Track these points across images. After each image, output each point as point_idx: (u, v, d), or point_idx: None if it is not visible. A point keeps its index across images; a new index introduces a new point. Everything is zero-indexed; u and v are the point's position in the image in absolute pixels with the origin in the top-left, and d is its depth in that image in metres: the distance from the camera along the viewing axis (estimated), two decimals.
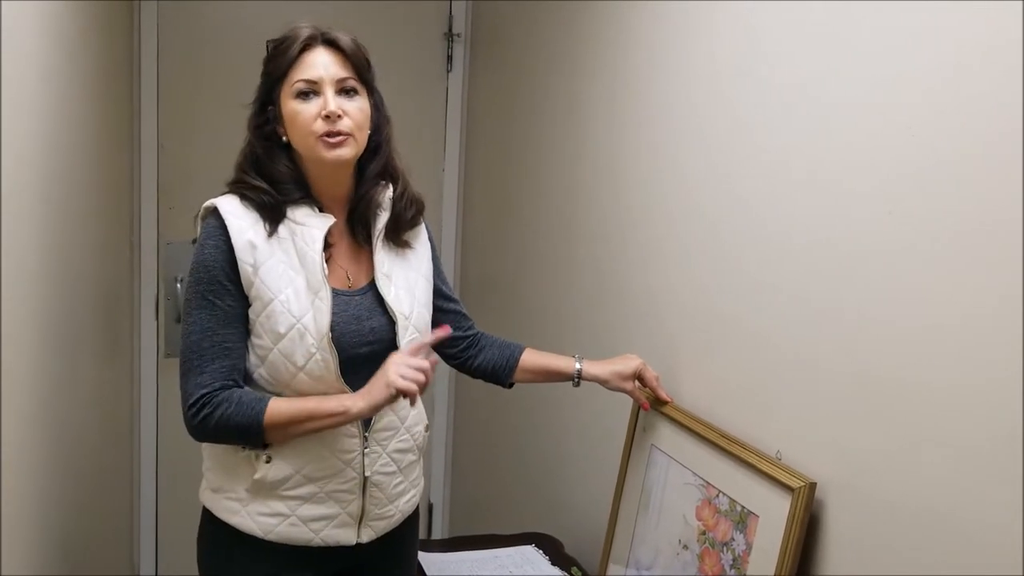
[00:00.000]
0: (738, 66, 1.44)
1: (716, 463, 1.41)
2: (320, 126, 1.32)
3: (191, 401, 1.30)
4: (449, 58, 2.79)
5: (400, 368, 1.28)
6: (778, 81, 1.33)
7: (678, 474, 1.51)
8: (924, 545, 1.05)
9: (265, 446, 1.34)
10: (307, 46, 1.34)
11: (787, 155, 1.32)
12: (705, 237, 1.55)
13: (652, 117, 1.73)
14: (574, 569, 1.84)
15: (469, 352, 1.62)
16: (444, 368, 1.77)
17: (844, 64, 1.19)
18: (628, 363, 1.58)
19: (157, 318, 2.58)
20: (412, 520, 1.56)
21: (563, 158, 2.14)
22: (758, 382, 1.39)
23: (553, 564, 1.87)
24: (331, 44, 1.35)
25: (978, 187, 0.98)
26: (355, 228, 1.44)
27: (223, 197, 1.36)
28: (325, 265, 1.33)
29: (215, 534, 1.41)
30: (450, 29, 2.77)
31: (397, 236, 1.46)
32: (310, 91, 1.33)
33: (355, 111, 1.34)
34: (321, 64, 1.33)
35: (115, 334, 2.35)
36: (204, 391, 1.29)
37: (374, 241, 1.43)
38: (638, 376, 1.59)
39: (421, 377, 1.27)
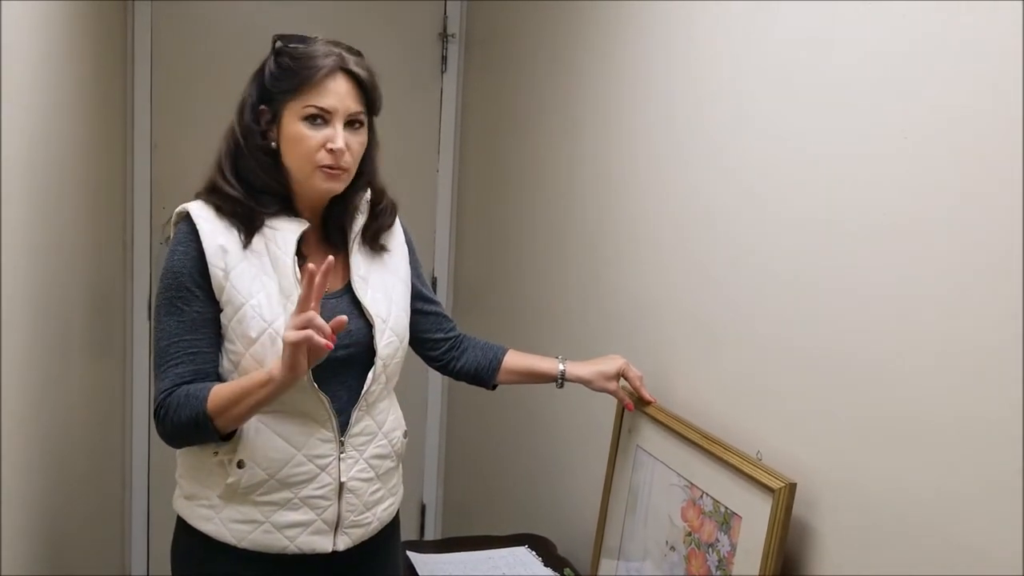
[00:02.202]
0: (736, 67, 1.43)
1: (699, 464, 1.41)
2: (323, 157, 1.31)
3: (154, 409, 1.29)
4: (443, 59, 2.78)
5: (287, 329, 1.19)
6: (778, 83, 1.33)
7: (663, 475, 1.51)
8: (911, 546, 1.04)
9: (227, 437, 1.31)
10: (329, 72, 1.30)
11: (778, 161, 1.31)
12: (690, 243, 1.55)
13: (646, 119, 1.72)
14: (567, 571, 1.83)
15: (451, 354, 1.61)
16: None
17: (840, 67, 1.19)
18: (611, 363, 1.57)
19: (150, 317, 2.58)
20: (392, 528, 1.53)
21: (557, 159, 2.14)
22: (743, 382, 1.39)
23: (546, 565, 1.86)
24: (351, 75, 1.32)
25: (973, 190, 0.97)
26: (330, 232, 1.42)
27: (197, 201, 1.34)
28: (298, 269, 1.31)
29: (188, 543, 1.39)
30: (444, 30, 2.77)
31: (374, 241, 1.45)
32: (320, 117, 1.30)
33: (356, 145, 1.34)
34: (337, 94, 1.30)
35: (108, 333, 2.35)
36: (162, 396, 1.28)
37: (350, 244, 1.42)
38: (622, 376, 1.58)
39: (307, 327, 1.16)
